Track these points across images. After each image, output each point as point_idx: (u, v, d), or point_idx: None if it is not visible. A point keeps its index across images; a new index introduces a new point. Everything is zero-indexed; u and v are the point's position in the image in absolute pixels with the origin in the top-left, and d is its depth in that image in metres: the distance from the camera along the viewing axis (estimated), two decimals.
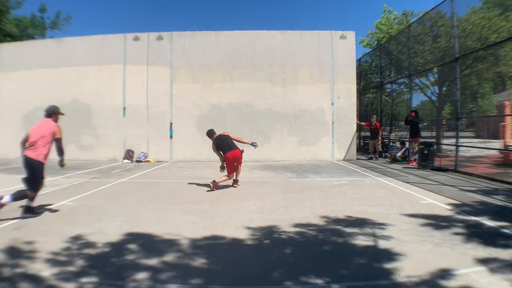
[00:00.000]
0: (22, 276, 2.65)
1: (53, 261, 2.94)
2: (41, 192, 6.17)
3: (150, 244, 3.43)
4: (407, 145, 11.68)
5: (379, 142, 12.31)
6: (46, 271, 2.74)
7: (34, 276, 2.64)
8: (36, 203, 5.22)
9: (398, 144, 13.79)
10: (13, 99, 12.81)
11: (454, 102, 9.63)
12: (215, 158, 12.22)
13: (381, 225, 3.99)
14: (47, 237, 3.59)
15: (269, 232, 3.81)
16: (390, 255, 3.06)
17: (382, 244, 3.36)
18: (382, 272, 2.73)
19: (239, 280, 2.62)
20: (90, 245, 3.37)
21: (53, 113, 5.00)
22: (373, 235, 3.63)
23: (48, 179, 7.70)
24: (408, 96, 13.48)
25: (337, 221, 4.23)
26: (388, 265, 2.84)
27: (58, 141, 4.59)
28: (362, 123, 13.83)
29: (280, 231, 3.85)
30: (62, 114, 5.11)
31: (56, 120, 5.02)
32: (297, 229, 3.89)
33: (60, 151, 4.58)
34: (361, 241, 3.47)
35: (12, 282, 2.55)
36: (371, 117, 12.50)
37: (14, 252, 3.15)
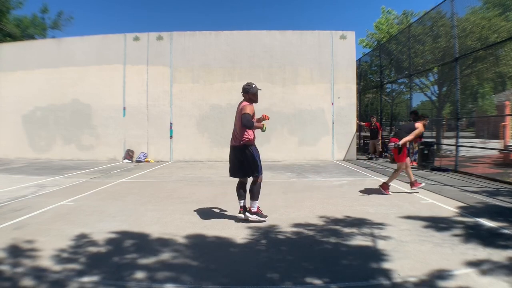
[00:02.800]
0: (23, 276, 2.65)
1: (53, 261, 2.94)
2: (42, 191, 6.20)
3: (150, 244, 3.43)
4: (407, 145, 11.66)
5: (379, 142, 12.32)
6: (46, 271, 2.74)
7: (35, 276, 2.64)
8: (36, 203, 5.24)
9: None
10: (13, 99, 12.82)
11: (454, 102, 9.63)
12: (215, 158, 12.32)
13: (381, 225, 3.99)
14: (47, 237, 3.59)
15: (269, 232, 3.81)
16: (390, 255, 3.06)
17: (382, 244, 3.36)
18: (382, 272, 2.73)
19: (238, 280, 2.62)
20: (90, 244, 3.37)
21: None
22: (373, 235, 3.63)
23: (48, 179, 7.72)
24: (408, 96, 13.48)
25: (337, 221, 4.23)
26: (388, 265, 2.84)
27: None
28: (362, 123, 13.84)
29: (280, 231, 3.85)
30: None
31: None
32: (297, 229, 3.89)
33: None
34: (361, 241, 3.47)
35: (13, 282, 2.55)
36: (371, 117, 12.50)
37: (15, 252, 3.15)
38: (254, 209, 4.19)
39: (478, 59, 12.45)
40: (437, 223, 4.04)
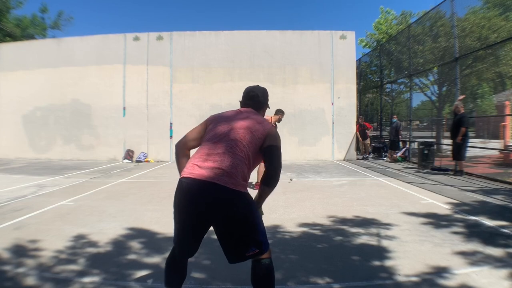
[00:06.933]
0: (24, 276, 2.65)
1: (54, 261, 2.94)
2: (42, 191, 6.19)
3: (150, 244, 3.43)
4: (407, 145, 11.71)
5: (368, 142, 12.68)
6: (47, 271, 2.74)
7: (36, 276, 2.64)
8: (36, 203, 5.23)
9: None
10: (13, 99, 12.81)
11: (454, 102, 9.62)
12: None
13: (381, 225, 3.99)
14: (47, 237, 3.59)
15: (269, 232, 3.79)
16: (390, 255, 3.06)
17: (382, 244, 3.37)
18: (382, 271, 2.73)
19: (238, 280, 2.62)
20: (91, 245, 3.37)
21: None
22: (374, 235, 3.63)
23: (48, 179, 7.72)
24: (408, 95, 13.50)
25: (338, 221, 4.23)
26: (388, 265, 2.85)
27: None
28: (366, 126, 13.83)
29: (280, 231, 3.85)
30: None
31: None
32: (297, 229, 3.89)
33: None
34: (362, 240, 3.47)
35: (14, 282, 2.55)
36: (360, 118, 12.64)
37: (15, 252, 3.15)
38: None
39: (478, 59, 12.46)
40: (437, 223, 4.04)
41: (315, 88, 12.20)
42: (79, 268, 2.80)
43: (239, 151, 1.89)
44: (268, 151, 1.98)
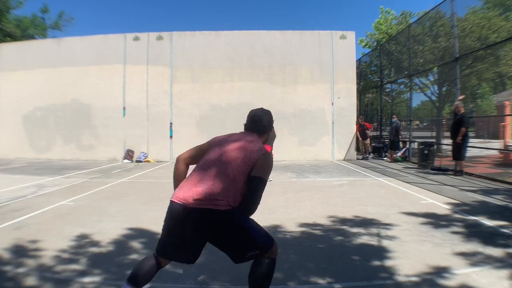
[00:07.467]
0: (25, 276, 2.64)
1: (54, 261, 2.94)
2: (42, 191, 6.19)
3: (150, 244, 3.43)
4: (407, 145, 11.71)
5: (368, 142, 12.62)
6: (47, 271, 2.74)
7: (36, 276, 2.64)
8: (36, 203, 5.23)
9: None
10: (13, 99, 12.81)
11: (454, 102, 9.63)
12: None
13: (381, 225, 3.99)
14: (47, 237, 3.59)
15: (269, 232, 3.79)
16: (390, 255, 3.06)
17: (382, 244, 3.37)
18: (382, 271, 2.73)
19: (239, 280, 2.62)
20: (91, 245, 3.37)
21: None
22: (374, 235, 3.63)
23: (48, 179, 7.72)
24: (408, 95, 13.50)
25: (338, 221, 4.23)
26: (388, 265, 2.85)
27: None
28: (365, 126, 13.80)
29: (280, 231, 3.85)
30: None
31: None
32: (297, 229, 3.89)
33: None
34: (362, 241, 3.47)
35: (14, 282, 2.55)
36: (360, 118, 12.61)
37: (15, 252, 3.15)
38: None
39: (478, 59, 12.47)
40: (437, 223, 4.04)
41: (315, 88, 12.20)
42: (79, 268, 2.80)
43: (228, 175, 1.90)
44: (253, 181, 1.94)
